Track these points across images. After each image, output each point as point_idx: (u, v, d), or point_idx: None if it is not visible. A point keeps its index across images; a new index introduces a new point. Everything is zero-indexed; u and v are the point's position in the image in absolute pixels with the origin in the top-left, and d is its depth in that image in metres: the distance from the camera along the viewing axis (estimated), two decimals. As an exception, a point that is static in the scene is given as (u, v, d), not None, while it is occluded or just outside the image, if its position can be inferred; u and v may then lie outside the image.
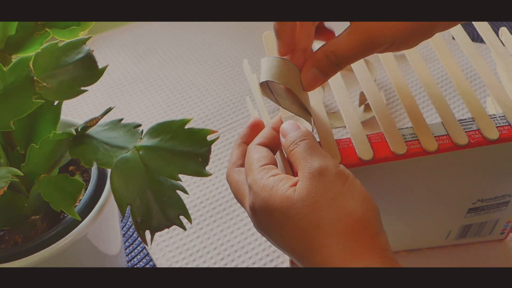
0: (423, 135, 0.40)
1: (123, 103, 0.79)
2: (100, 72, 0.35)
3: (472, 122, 0.41)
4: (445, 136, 0.40)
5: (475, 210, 0.48)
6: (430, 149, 0.39)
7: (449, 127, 0.40)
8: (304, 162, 0.35)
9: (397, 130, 0.40)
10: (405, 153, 0.39)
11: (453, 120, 0.41)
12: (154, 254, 0.58)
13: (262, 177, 0.35)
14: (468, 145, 0.39)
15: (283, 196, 0.33)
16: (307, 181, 0.33)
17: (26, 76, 0.34)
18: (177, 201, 0.34)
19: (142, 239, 0.34)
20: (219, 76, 0.84)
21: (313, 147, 0.36)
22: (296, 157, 0.36)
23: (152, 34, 0.94)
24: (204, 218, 0.61)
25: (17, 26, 0.37)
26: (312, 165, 0.34)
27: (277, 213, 0.33)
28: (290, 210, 0.33)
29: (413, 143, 0.39)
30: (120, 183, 0.33)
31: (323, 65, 0.37)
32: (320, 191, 0.33)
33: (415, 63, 0.45)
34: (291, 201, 0.33)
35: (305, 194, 0.33)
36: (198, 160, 0.34)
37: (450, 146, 0.39)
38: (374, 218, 0.33)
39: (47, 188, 0.36)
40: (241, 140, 0.41)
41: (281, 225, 0.34)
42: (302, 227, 0.33)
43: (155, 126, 0.35)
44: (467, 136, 0.40)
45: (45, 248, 0.36)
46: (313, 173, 0.34)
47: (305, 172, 0.34)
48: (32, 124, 0.39)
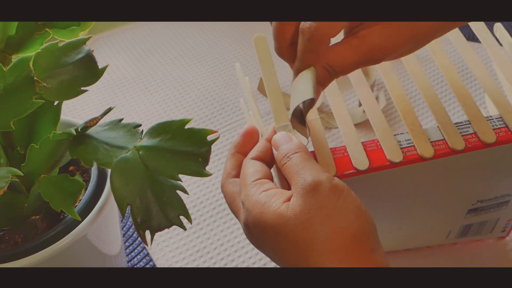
0: (419, 141, 0.39)
1: (123, 103, 0.79)
2: (100, 72, 0.35)
3: (469, 125, 0.40)
4: (442, 141, 0.39)
5: (474, 211, 0.48)
6: (427, 156, 0.38)
7: (446, 131, 0.40)
8: (297, 177, 0.33)
9: (393, 137, 0.40)
10: (401, 161, 0.38)
11: (449, 124, 0.40)
12: (154, 254, 0.58)
13: (254, 193, 0.34)
14: (465, 150, 0.39)
15: (275, 213, 0.32)
16: (301, 197, 0.32)
17: (26, 76, 0.34)
18: (177, 201, 0.34)
19: (142, 239, 0.34)
20: (219, 76, 0.84)
21: (306, 160, 0.34)
22: (288, 171, 0.35)
23: (152, 34, 0.94)
24: (204, 218, 0.61)
25: (17, 26, 0.37)
26: (305, 180, 0.33)
27: (270, 230, 0.33)
28: (283, 228, 0.32)
29: (409, 149, 0.39)
30: (120, 183, 0.33)
31: (321, 77, 0.37)
32: (314, 207, 0.32)
33: (409, 65, 0.45)
34: (284, 218, 0.32)
35: (299, 211, 0.32)
36: (198, 160, 0.34)
37: (446, 152, 0.39)
38: (369, 233, 0.32)
39: (47, 188, 0.36)
40: (234, 150, 0.40)
41: (275, 242, 0.33)
42: (296, 245, 0.32)
43: (155, 126, 0.35)
44: (464, 140, 0.39)
45: (45, 248, 0.36)
46: (306, 189, 0.32)
47: (298, 188, 0.33)
48: (32, 124, 0.39)
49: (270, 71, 0.42)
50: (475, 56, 0.45)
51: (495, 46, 0.46)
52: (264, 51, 0.43)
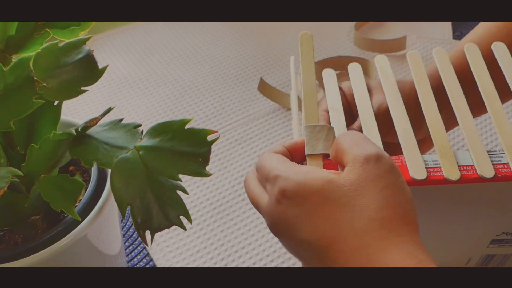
0: (446, 162, 0.38)
1: (123, 103, 0.79)
2: (100, 72, 0.35)
3: (502, 155, 0.39)
4: (470, 167, 0.38)
5: (499, 242, 0.46)
6: (452, 178, 0.37)
7: (476, 157, 0.38)
8: (357, 148, 0.33)
9: (420, 155, 0.39)
10: (424, 179, 0.37)
11: (481, 150, 0.39)
12: (154, 254, 0.58)
13: (294, 165, 0.34)
14: (495, 179, 0.37)
15: (324, 179, 0.32)
16: (360, 166, 0.32)
17: (26, 76, 0.34)
18: (177, 201, 0.34)
19: (142, 239, 0.34)
20: (219, 76, 0.84)
21: (365, 137, 0.34)
22: (346, 142, 0.34)
23: (152, 34, 0.94)
24: (204, 218, 0.61)
25: (17, 26, 0.37)
26: (368, 150, 0.32)
27: (314, 196, 0.32)
28: (333, 193, 0.31)
29: (435, 170, 0.38)
30: (120, 183, 0.33)
31: None
32: (373, 176, 0.31)
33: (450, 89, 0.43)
34: (335, 184, 0.31)
35: (355, 178, 0.31)
36: (198, 160, 0.34)
37: (474, 178, 0.37)
38: (415, 216, 0.32)
39: (47, 188, 0.36)
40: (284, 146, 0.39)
41: (313, 210, 0.32)
42: (342, 210, 0.31)
43: (155, 126, 0.35)
44: (494, 169, 0.37)
45: (45, 248, 0.36)
46: (369, 158, 0.32)
47: (358, 157, 0.32)
48: (32, 124, 0.39)
49: (309, 70, 0.42)
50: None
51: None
52: (308, 49, 0.42)
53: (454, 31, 0.92)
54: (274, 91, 0.78)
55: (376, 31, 0.93)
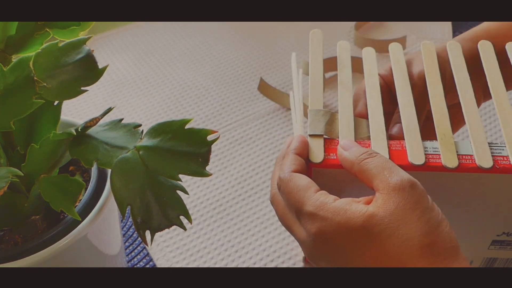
0: (445, 150, 0.38)
1: (123, 103, 0.79)
2: (100, 72, 0.35)
3: (503, 148, 0.39)
4: (469, 156, 0.38)
5: (500, 243, 0.45)
6: (449, 166, 0.37)
7: (476, 147, 0.38)
8: (389, 174, 0.33)
9: (420, 141, 0.39)
10: (422, 164, 0.37)
11: (482, 141, 0.39)
12: (154, 254, 0.58)
13: (327, 201, 0.33)
14: (492, 170, 0.37)
15: (365, 215, 0.32)
16: (396, 194, 0.32)
17: (26, 76, 0.34)
18: (177, 201, 0.34)
19: (142, 239, 0.34)
20: (219, 76, 0.84)
21: (389, 161, 0.34)
22: (374, 166, 0.34)
23: (152, 34, 0.94)
24: (204, 218, 0.61)
25: (17, 26, 0.37)
26: (402, 177, 0.33)
27: (358, 233, 0.32)
28: (376, 227, 0.31)
29: (434, 157, 0.38)
30: (120, 183, 0.33)
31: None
32: (410, 203, 0.32)
33: (458, 78, 0.43)
34: (377, 218, 0.32)
35: (393, 208, 0.32)
36: (198, 160, 0.34)
37: (471, 167, 0.37)
38: (453, 232, 0.32)
39: (47, 188, 0.36)
40: (295, 151, 0.38)
41: (361, 247, 0.32)
42: (390, 243, 0.31)
43: (155, 126, 0.35)
44: (493, 160, 0.37)
45: (45, 248, 0.36)
46: (404, 185, 0.32)
47: (392, 184, 0.32)
48: (32, 124, 0.39)
49: (317, 59, 0.45)
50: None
51: None
52: (318, 42, 0.46)
53: (454, 31, 0.92)
54: (274, 91, 0.78)
55: (376, 31, 0.92)
